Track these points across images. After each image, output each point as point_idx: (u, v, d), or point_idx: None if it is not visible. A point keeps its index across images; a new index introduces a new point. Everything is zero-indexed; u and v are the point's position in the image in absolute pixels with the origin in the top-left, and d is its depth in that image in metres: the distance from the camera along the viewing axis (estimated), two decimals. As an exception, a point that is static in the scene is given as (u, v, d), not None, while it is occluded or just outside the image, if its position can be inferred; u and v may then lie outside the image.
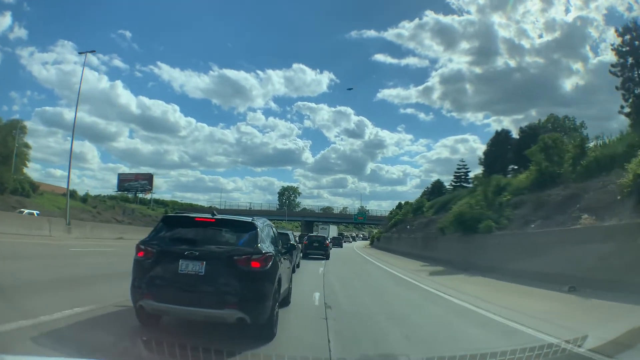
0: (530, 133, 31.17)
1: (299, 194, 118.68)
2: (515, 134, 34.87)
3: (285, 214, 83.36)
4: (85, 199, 57.91)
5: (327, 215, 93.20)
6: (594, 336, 5.50)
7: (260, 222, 6.00)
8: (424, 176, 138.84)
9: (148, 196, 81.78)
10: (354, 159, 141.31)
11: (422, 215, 37.63)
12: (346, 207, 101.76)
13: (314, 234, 39.56)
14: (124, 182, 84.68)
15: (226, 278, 5.10)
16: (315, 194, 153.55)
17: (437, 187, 53.96)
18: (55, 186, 60.20)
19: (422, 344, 6.16)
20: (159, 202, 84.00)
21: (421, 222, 34.34)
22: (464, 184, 43.03)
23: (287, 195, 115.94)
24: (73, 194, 58.03)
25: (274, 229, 7.22)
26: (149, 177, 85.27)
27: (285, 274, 6.96)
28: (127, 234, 29.95)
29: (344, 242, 66.74)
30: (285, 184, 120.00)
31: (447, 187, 51.68)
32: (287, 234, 17.67)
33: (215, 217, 5.64)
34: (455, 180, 46.25)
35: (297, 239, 24.35)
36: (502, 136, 35.36)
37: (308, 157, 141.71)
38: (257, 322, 5.17)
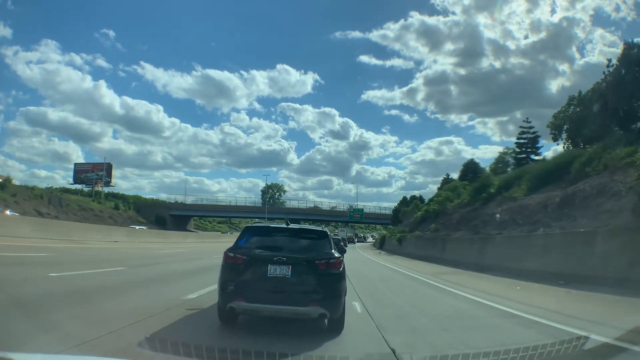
0: None
1: (284, 192, 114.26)
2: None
3: (266, 210, 72.20)
4: (3, 185, 43.11)
5: (316, 213, 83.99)
6: None
7: (328, 231, 6.96)
8: (409, 178, 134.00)
9: (100, 188, 68.51)
10: (339, 160, 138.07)
11: (498, 198, 24.18)
12: (335, 206, 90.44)
13: (332, 235, 34.74)
14: (80, 173, 74.22)
15: (309, 279, 5.72)
16: (301, 196, 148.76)
17: (472, 168, 43.03)
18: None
19: None
20: (118, 197, 71.27)
21: (519, 206, 20.68)
22: (532, 156, 30.48)
23: (271, 193, 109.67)
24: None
25: None
26: (108, 168, 74.44)
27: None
28: None
29: (357, 242, 63.52)
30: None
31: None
32: None
33: (290, 226, 6.53)
34: (518, 150, 33.56)
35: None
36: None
37: (293, 158, 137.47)
38: (334, 316, 5.80)
